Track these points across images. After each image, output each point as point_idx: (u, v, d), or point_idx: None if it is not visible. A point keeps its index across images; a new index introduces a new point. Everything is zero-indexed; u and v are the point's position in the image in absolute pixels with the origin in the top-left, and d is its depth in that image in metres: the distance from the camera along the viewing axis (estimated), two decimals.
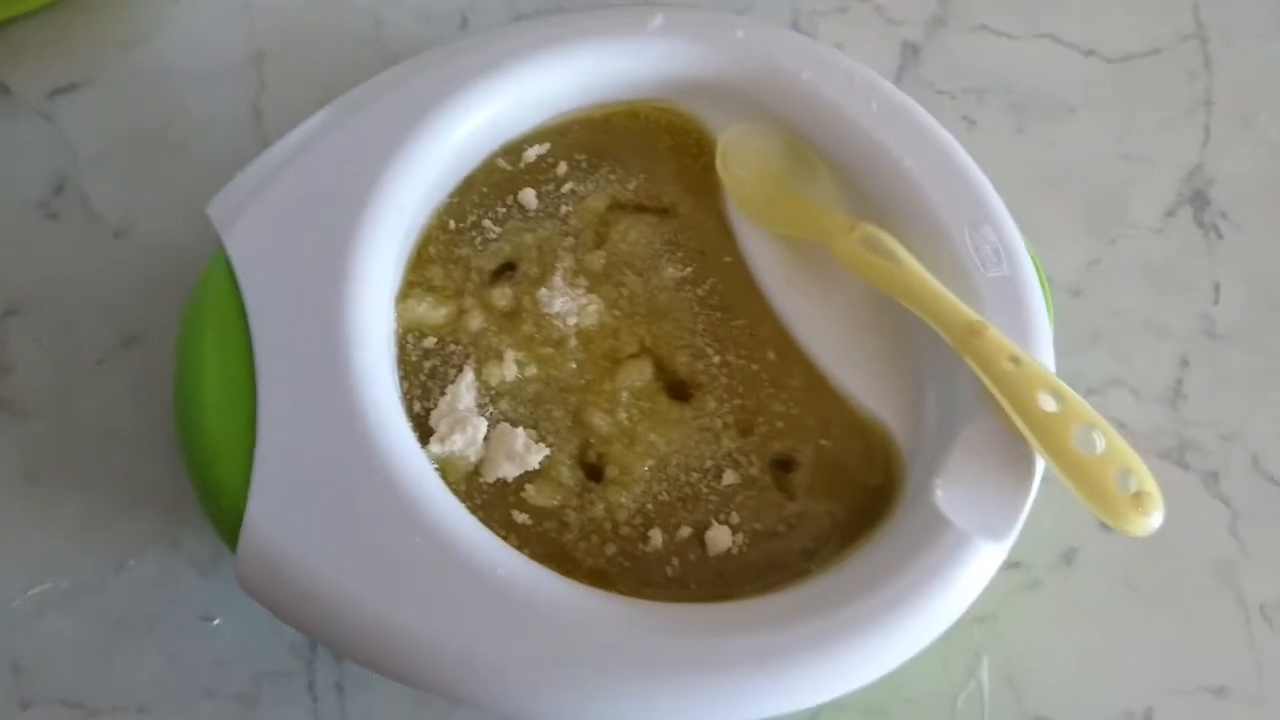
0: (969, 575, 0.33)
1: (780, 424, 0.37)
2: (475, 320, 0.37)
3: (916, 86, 0.47)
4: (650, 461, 0.36)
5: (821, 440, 0.37)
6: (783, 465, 0.37)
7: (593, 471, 0.36)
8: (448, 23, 0.46)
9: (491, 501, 0.35)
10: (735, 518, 0.35)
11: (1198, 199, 0.46)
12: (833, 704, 0.37)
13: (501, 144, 0.39)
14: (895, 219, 0.37)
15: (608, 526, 0.35)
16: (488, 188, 0.39)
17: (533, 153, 0.40)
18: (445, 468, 0.35)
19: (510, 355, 0.36)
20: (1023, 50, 0.48)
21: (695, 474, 0.36)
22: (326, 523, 0.32)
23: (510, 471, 0.35)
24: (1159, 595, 0.40)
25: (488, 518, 0.34)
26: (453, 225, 0.38)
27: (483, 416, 0.35)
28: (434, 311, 0.37)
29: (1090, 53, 0.48)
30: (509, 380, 0.36)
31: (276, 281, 0.34)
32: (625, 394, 0.37)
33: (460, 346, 0.37)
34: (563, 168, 0.40)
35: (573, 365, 0.37)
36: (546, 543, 0.34)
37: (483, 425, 0.35)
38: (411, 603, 0.31)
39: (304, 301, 0.34)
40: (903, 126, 0.38)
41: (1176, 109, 0.47)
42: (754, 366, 0.37)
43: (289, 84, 0.45)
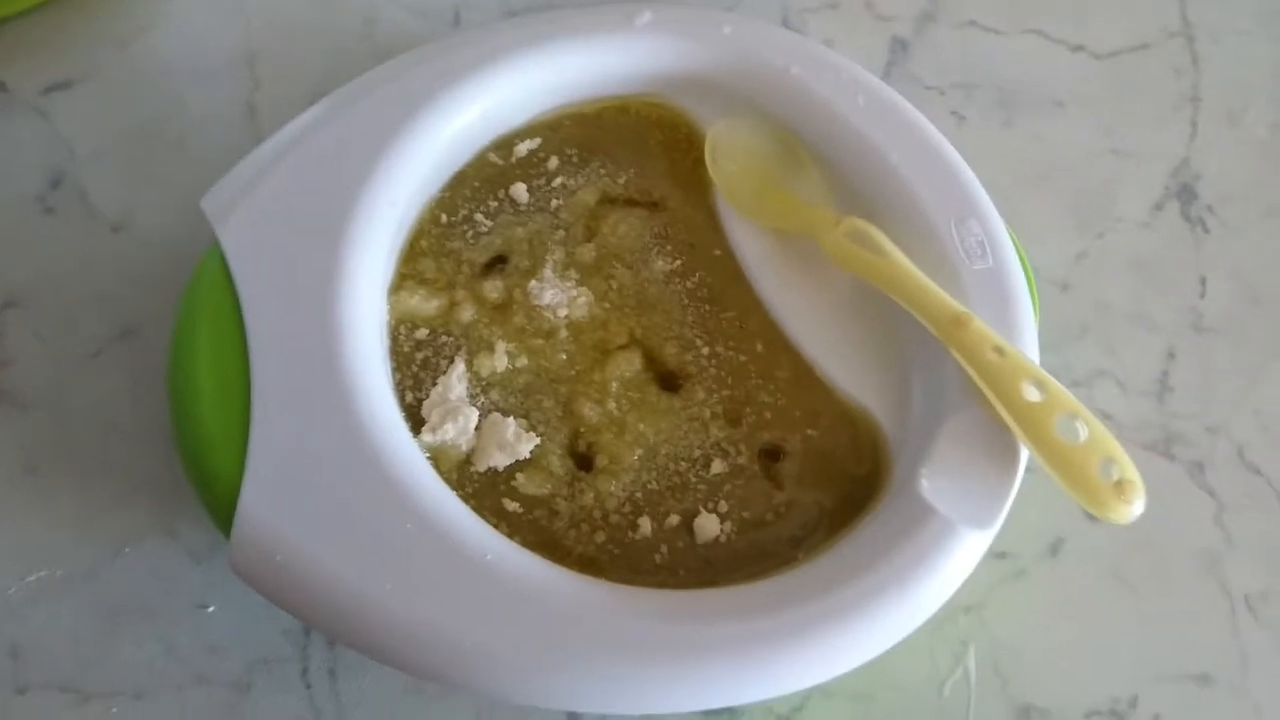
0: (954, 563, 0.33)
1: (768, 414, 0.37)
2: (467, 312, 0.37)
3: (905, 82, 0.47)
4: (639, 451, 0.36)
5: (809, 430, 0.37)
6: (771, 455, 0.37)
7: (583, 461, 0.36)
8: (440, 19, 0.47)
9: (483, 490, 0.35)
10: (723, 506, 0.35)
11: (1184, 194, 0.46)
12: (821, 691, 0.37)
13: (493, 139, 0.40)
14: (882, 213, 0.37)
15: (597, 515, 0.35)
16: (479, 182, 0.39)
17: (524, 147, 0.40)
18: (437, 457, 0.35)
19: (501, 346, 0.36)
20: (1011, 46, 0.48)
21: (684, 463, 0.36)
22: (319, 510, 0.32)
23: (501, 460, 0.35)
24: (1144, 585, 0.40)
25: (479, 506, 0.34)
26: (444, 219, 0.38)
27: (474, 406, 0.36)
28: (426, 303, 0.37)
29: (1078, 49, 0.48)
30: (500, 371, 0.36)
31: (270, 274, 0.34)
32: (615, 384, 0.37)
33: (452, 338, 0.37)
34: (553, 162, 0.40)
35: (563, 356, 0.37)
36: (537, 530, 0.34)
37: (474, 415, 0.35)
38: (403, 588, 0.31)
39: (297, 294, 0.34)
40: (889, 121, 0.38)
41: (1164, 105, 0.48)
42: (742, 358, 0.37)
43: (283, 80, 0.45)
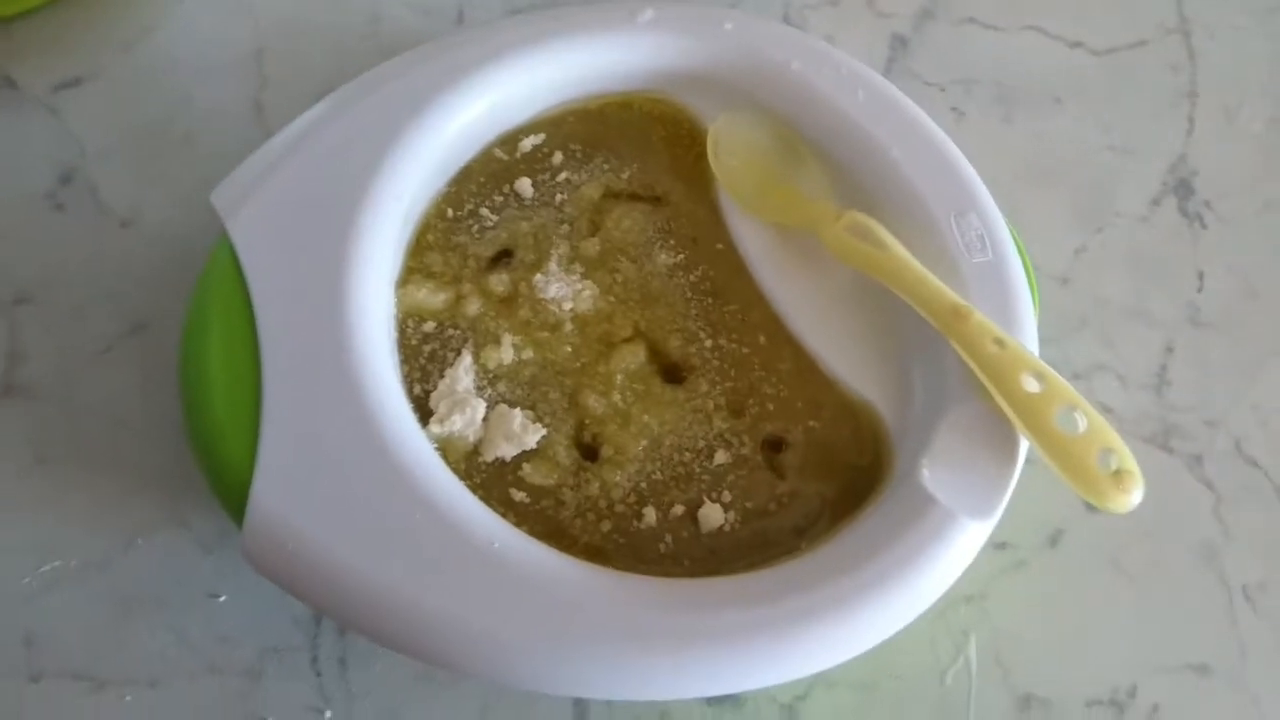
0: (954, 552, 0.33)
1: (771, 406, 0.37)
2: (473, 305, 0.37)
3: (905, 78, 0.47)
4: (644, 442, 0.36)
5: (811, 421, 0.37)
6: (773, 446, 0.37)
7: (588, 451, 0.36)
8: (444, 16, 0.47)
9: (490, 480, 0.35)
10: (727, 496, 0.36)
11: (1182, 189, 0.46)
12: (824, 680, 0.38)
13: (498, 134, 0.40)
14: (883, 207, 0.37)
15: (603, 504, 0.35)
16: (485, 177, 0.39)
17: (529, 143, 0.40)
18: (445, 447, 0.35)
19: (507, 339, 0.37)
20: (1010, 42, 0.49)
21: (688, 454, 0.36)
22: (330, 500, 0.32)
23: (508, 451, 0.35)
24: (1143, 576, 0.40)
25: (487, 496, 0.34)
26: (451, 213, 0.38)
27: (481, 398, 0.36)
28: (433, 297, 0.37)
29: (1077, 45, 0.49)
30: (506, 363, 0.36)
31: (279, 268, 0.34)
32: (619, 376, 0.37)
33: (459, 331, 0.37)
34: (558, 157, 0.40)
35: (568, 349, 0.37)
36: (544, 520, 0.34)
37: (481, 406, 0.35)
38: (412, 576, 0.31)
39: (306, 287, 0.34)
40: (890, 116, 0.38)
41: (1161, 101, 0.48)
42: (745, 350, 0.38)
43: (289, 77, 0.45)
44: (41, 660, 0.37)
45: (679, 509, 0.35)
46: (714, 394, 0.37)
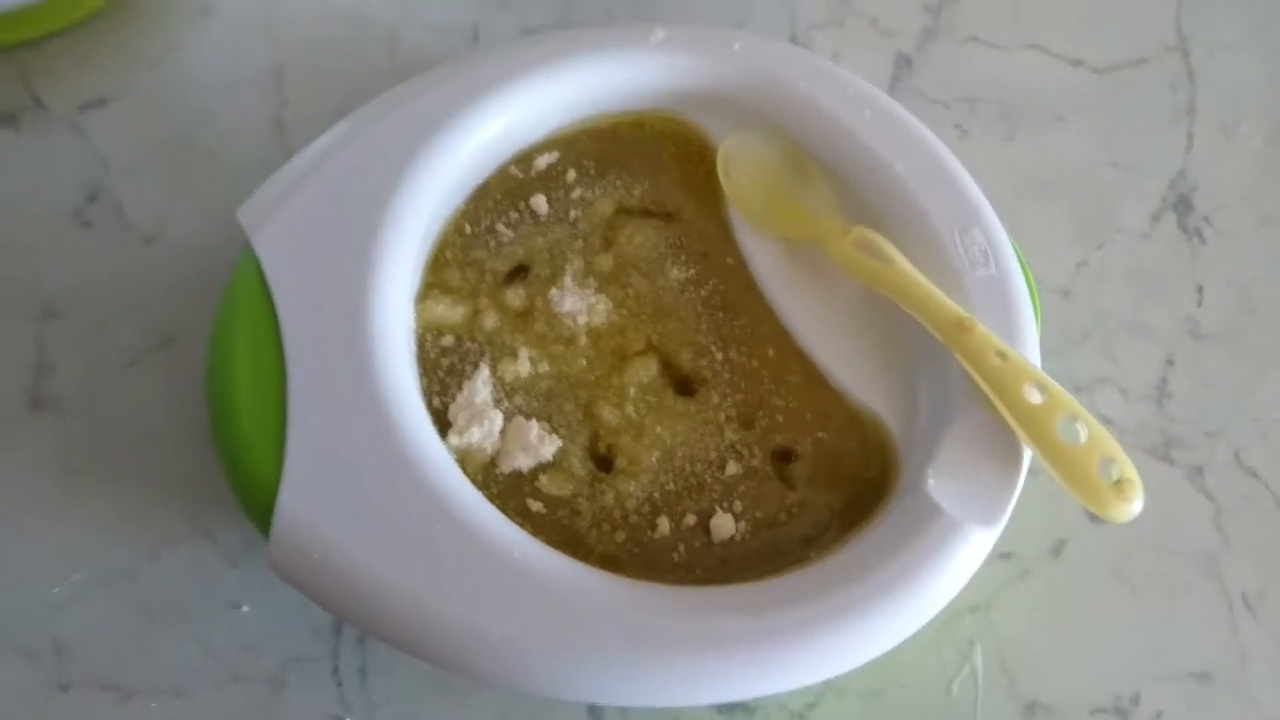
0: (961, 560, 0.33)
1: (780, 418, 0.37)
2: (490, 319, 0.38)
3: (910, 96, 0.48)
4: (657, 453, 0.37)
5: (820, 433, 0.37)
6: (783, 457, 0.37)
7: (603, 462, 0.37)
8: (460, 36, 0.47)
9: (508, 491, 0.35)
10: (738, 506, 0.36)
11: (1181, 204, 0.47)
12: (833, 688, 0.38)
13: (513, 153, 0.40)
14: (888, 222, 0.38)
15: (617, 514, 0.36)
16: (501, 194, 0.40)
17: (543, 161, 0.40)
18: (464, 459, 0.35)
19: (524, 352, 0.37)
20: (1012, 61, 0.49)
21: (700, 465, 0.37)
22: (353, 510, 0.32)
23: (525, 462, 0.36)
24: (1145, 585, 0.41)
25: (504, 506, 0.34)
26: (468, 230, 0.39)
27: (498, 410, 0.36)
28: (451, 311, 0.38)
29: (1078, 63, 0.49)
30: (523, 376, 0.37)
31: (304, 283, 0.35)
32: (633, 389, 0.37)
33: (476, 344, 0.37)
34: (572, 175, 0.40)
35: (583, 362, 0.38)
36: (560, 529, 0.35)
37: (499, 418, 0.36)
38: (434, 584, 0.31)
39: (330, 301, 0.34)
40: (894, 134, 0.39)
41: (1160, 118, 0.48)
42: (755, 363, 0.38)
43: (309, 95, 0.45)
44: (70, 670, 0.37)
45: (691, 519, 0.36)
46: (725, 406, 0.38)
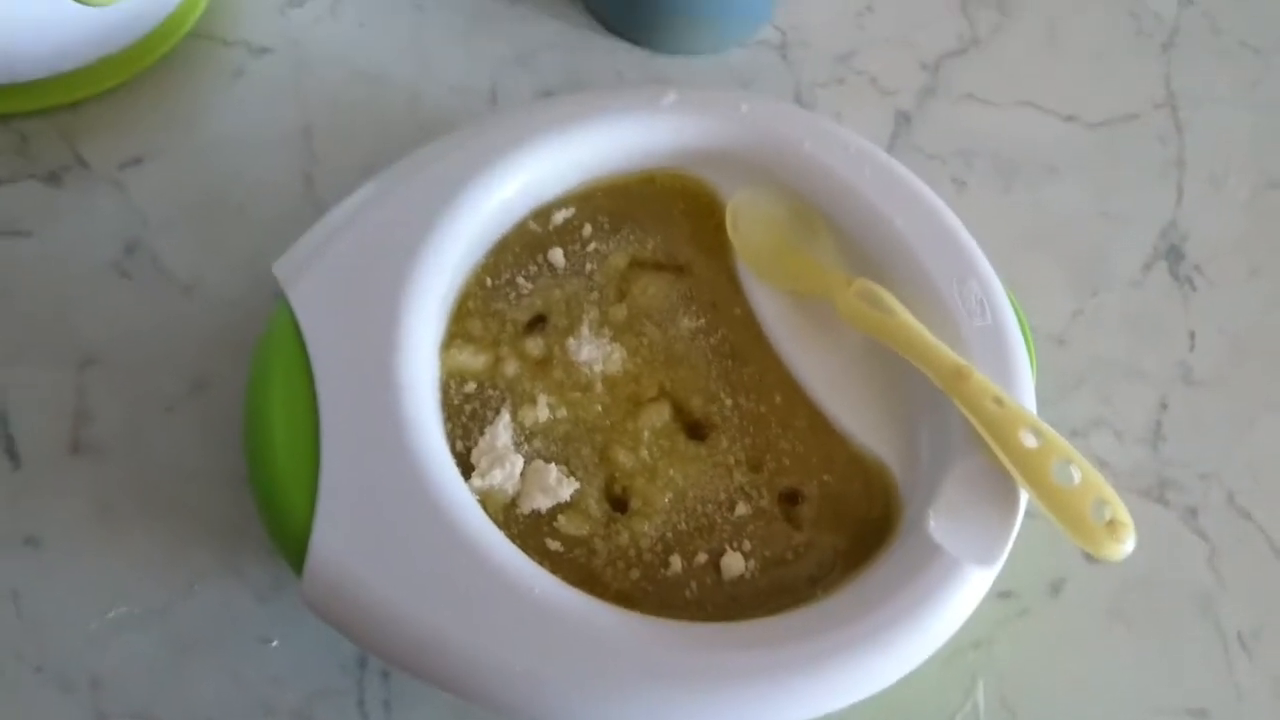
0: (961, 598, 0.34)
1: (787, 461, 0.38)
2: (511, 367, 0.39)
3: (908, 151, 0.49)
4: (670, 494, 0.37)
5: (825, 476, 0.38)
6: (790, 499, 0.38)
7: (618, 504, 0.38)
8: (479, 96, 0.48)
9: (527, 530, 0.36)
10: (747, 546, 0.37)
11: (1173, 254, 0.48)
12: None
13: (532, 209, 0.41)
14: (889, 275, 0.39)
15: (632, 553, 0.37)
16: (520, 248, 0.41)
17: (560, 216, 0.41)
18: (486, 500, 0.36)
19: (543, 399, 0.38)
20: (1007, 117, 0.50)
21: (710, 506, 0.37)
22: (383, 548, 0.33)
23: (544, 503, 0.37)
24: (1142, 623, 0.41)
25: (524, 545, 0.35)
26: (489, 282, 0.40)
27: (519, 454, 0.37)
28: (474, 359, 0.39)
29: (1070, 119, 0.50)
30: (542, 421, 0.38)
31: (335, 332, 0.35)
32: (646, 433, 0.38)
33: (497, 391, 0.38)
34: (587, 229, 0.41)
35: (599, 408, 0.39)
36: (577, 568, 0.36)
37: (519, 462, 0.37)
38: (458, 620, 0.32)
39: (360, 350, 0.35)
40: (894, 190, 0.40)
41: (1151, 170, 0.49)
42: (763, 409, 0.39)
43: (337, 153, 0.46)
44: (107, 701, 0.38)
45: (702, 557, 0.37)
46: (734, 450, 0.38)
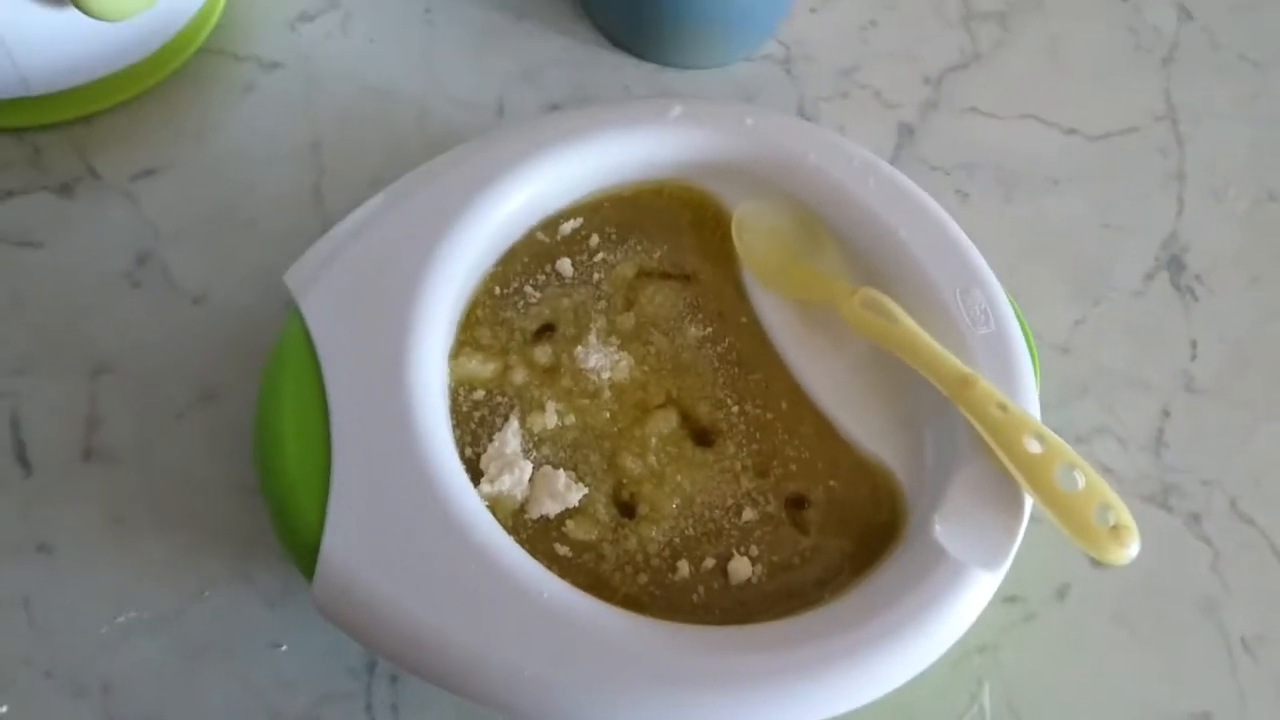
0: (966, 602, 0.34)
1: (793, 467, 0.39)
2: (519, 375, 0.39)
3: (912, 164, 0.49)
4: (677, 500, 0.38)
5: (831, 481, 0.38)
6: (796, 504, 0.38)
7: (626, 509, 0.38)
8: (486, 110, 0.49)
9: (536, 535, 0.37)
10: (754, 550, 0.37)
11: (1174, 264, 0.48)
12: None
13: (540, 219, 0.41)
14: (894, 284, 0.39)
15: (640, 558, 0.37)
16: (528, 258, 0.41)
17: (568, 226, 0.42)
18: (495, 505, 0.36)
19: (551, 406, 0.39)
20: (1010, 130, 0.50)
21: (718, 511, 0.38)
22: (393, 553, 0.33)
23: (552, 509, 0.37)
24: (1147, 627, 0.41)
25: (533, 550, 0.35)
26: (498, 291, 0.40)
27: (527, 460, 0.37)
28: (483, 367, 0.39)
29: (1072, 131, 0.51)
30: (550, 428, 0.38)
31: (346, 340, 0.36)
32: (654, 440, 0.39)
33: (506, 398, 0.39)
34: (595, 240, 0.42)
35: (606, 415, 0.39)
36: (585, 572, 0.36)
37: (528, 468, 0.37)
38: (467, 624, 0.33)
39: (370, 358, 0.36)
40: (898, 201, 0.40)
41: (1152, 182, 0.50)
42: (769, 415, 0.39)
43: (345, 166, 0.47)
44: (118, 706, 0.38)
45: (710, 562, 0.37)
46: (741, 456, 0.39)
